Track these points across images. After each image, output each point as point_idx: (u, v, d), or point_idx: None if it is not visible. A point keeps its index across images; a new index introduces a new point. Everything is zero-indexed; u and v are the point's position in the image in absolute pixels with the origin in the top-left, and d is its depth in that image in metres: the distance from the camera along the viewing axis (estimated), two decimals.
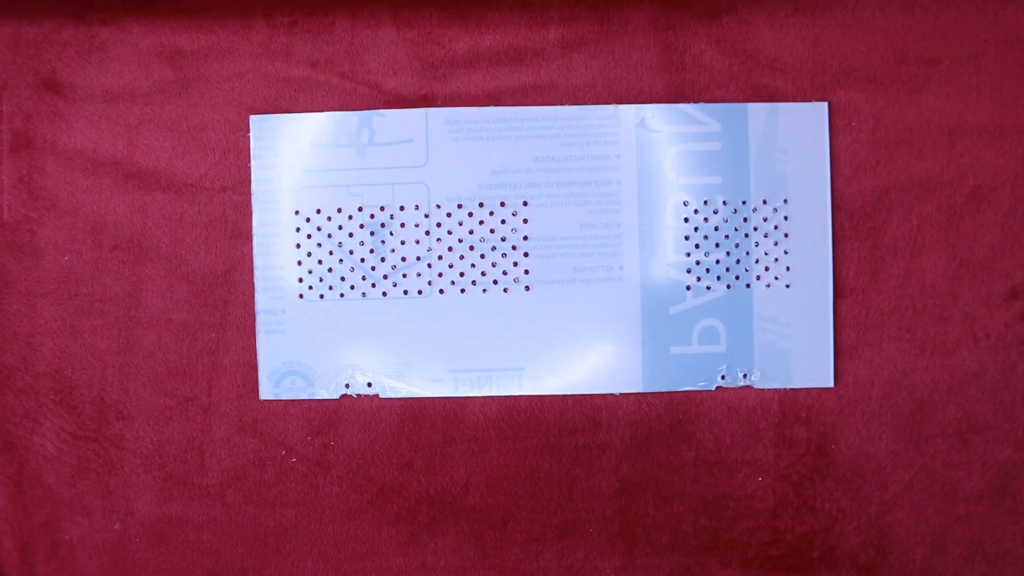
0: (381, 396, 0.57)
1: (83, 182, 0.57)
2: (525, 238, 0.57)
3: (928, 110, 0.57)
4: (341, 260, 0.57)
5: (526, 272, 0.57)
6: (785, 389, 0.57)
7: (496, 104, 0.57)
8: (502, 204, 0.57)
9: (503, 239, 0.57)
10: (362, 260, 0.57)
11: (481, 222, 0.57)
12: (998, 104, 0.57)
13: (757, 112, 0.57)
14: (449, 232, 0.57)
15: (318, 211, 0.57)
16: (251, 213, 0.57)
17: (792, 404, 0.57)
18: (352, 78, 0.57)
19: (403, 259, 0.57)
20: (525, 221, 0.57)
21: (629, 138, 0.57)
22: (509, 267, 0.57)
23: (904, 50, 0.57)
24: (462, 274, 0.57)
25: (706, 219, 0.57)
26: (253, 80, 0.57)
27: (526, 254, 0.57)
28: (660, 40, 0.57)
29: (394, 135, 0.57)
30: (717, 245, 0.57)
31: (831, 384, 0.57)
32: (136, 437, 0.58)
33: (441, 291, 0.57)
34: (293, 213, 0.57)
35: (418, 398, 0.57)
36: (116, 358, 0.58)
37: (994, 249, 0.57)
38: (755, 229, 0.57)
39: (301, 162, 0.57)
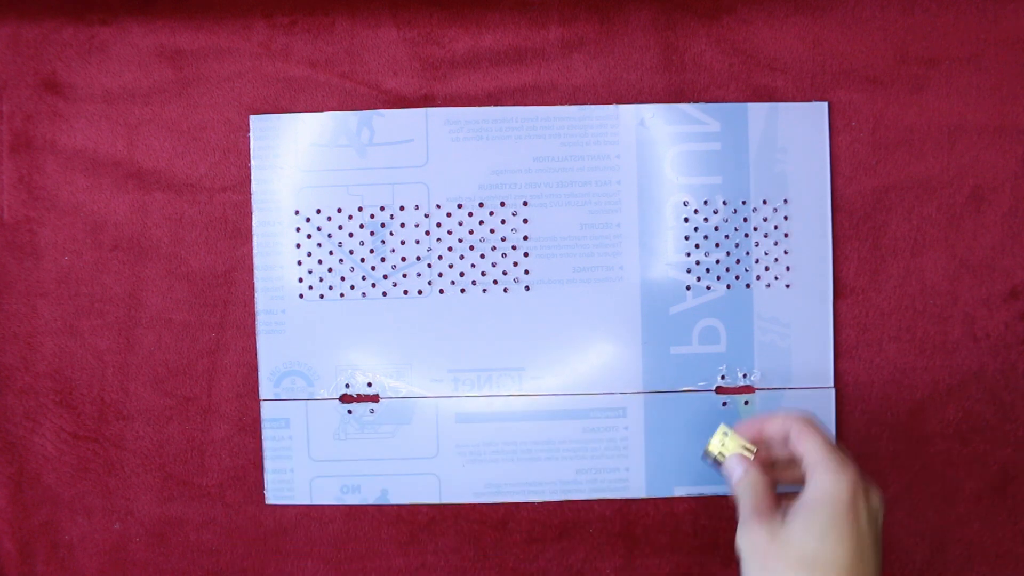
0: (381, 396, 0.57)
1: (83, 182, 0.57)
2: (525, 238, 0.57)
3: (928, 110, 0.57)
4: (341, 260, 0.57)
5: (526, 272, 0.57)
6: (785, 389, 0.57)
7: (496, 104, 0.57)
8: (502, 204, 0.57)
9: (503, 239, 0.57)
10: (362, 260, 0.57)
11: (481, 222, 0.57)
12: (998, 104, 0.57)
13: (757, 112, 0.57)
14: (449, 232, 0.57)
15: (318, 211, 0.57)
16: (251, 213, 0.57)
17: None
18: (352, 78, 0.57)
19: (403, 259, 0.57)
20: (525, 221, 0.57)
21: (629, 138, 0.57)
22: (509, 267, 0.57)
23: (904, 50, 0.57)
24: (462, 274, 0.57)
25: (706, 219, 0.57)
26: (253, 80, 0.57)
27: (526, 254, 0.57)
28: (660, 40, 0.57)
29: (394, 135, 0.57)
30: (717, 245, 0.57)
31: (831, 384, 0.57)
32: (136, 437, 0.58)
33: (441, 291, 0.57)
34: (293, 213, 0.57)
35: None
36: (116, 358, 0.58)
37: (994, 249, 0.57)
38: (755, 229, 0.57)
39: (301, 162, 0.57)
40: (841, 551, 0.44)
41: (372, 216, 0.57)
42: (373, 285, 0.57)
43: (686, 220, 0.57)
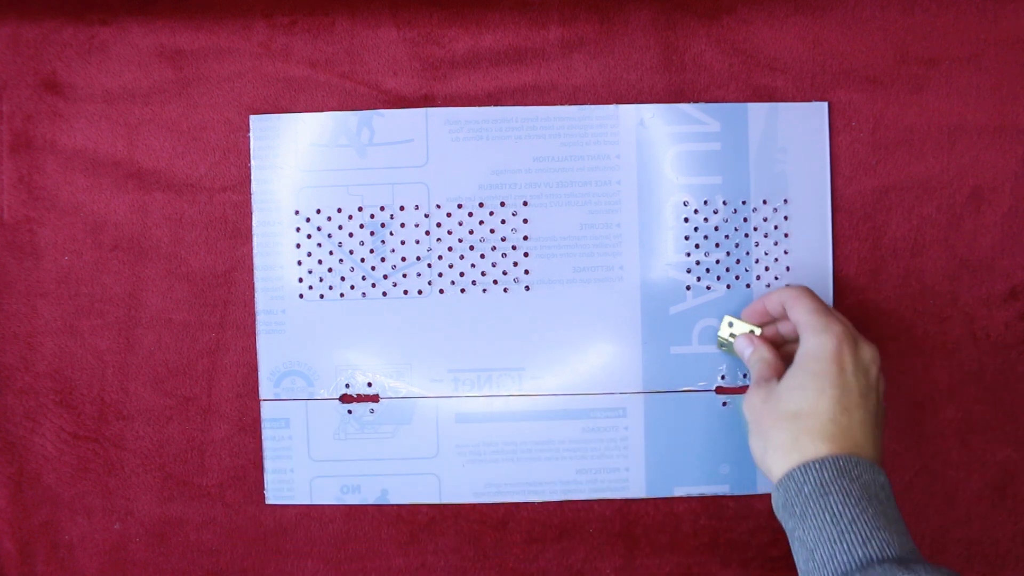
0: (381, 396, 0.57)
1: (83, 182, 0.57)
2: (525, 238, 0.57)
3: (928, 110, 0.57)
4: (341, 260, 0.57)
5: (526, 272, 0.57)
6: None
7: (496, 104, 0.57)
8: (502, 204, 0.57)
9: (503, 239, 0.57)
10: (362, 260, 0.57)
11: (481, 222, 0.57)
12: (998, 104, 0.57)
13: (757, 112, 0.57)
14: (449, 232, 0.57)
15: (318, 211, 0.57)
16: (251, 213, 0.57)
17: None
18: (352, 78, 0.57)
19: (403, 259, 0.57)
20: (525, 221, 0.57)
21: (629, 138, 0.57)
22: (509, 267, 0.57)
23: (904, 50, 0.57)
24: (462, 274, 0.57)
25: (706, 219, 0.57)
26: (253, 80, 0.57)
27: (526, 254, 0.57)
28: (660, 40, 0.57)
29: (394, 135, 0.57)
30: (717, 245, 0.57)
31: None
32: (136, 437, 0.58)
33: (441, 291, 0.57)
34: (293, 213, 0.57)
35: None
36: (116, 358, 0.58)
37: (994, 249, 0.57)
38: (755, 229, 0.57)
39: (301, 162, 0.57)
40: (823, 404, 0.47)
41: (372, 216, 0.57)
42: (373, 285, 0.57)
43: (686, 220, 0.57)
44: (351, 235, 0.57)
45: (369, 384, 0.57)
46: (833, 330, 0.48)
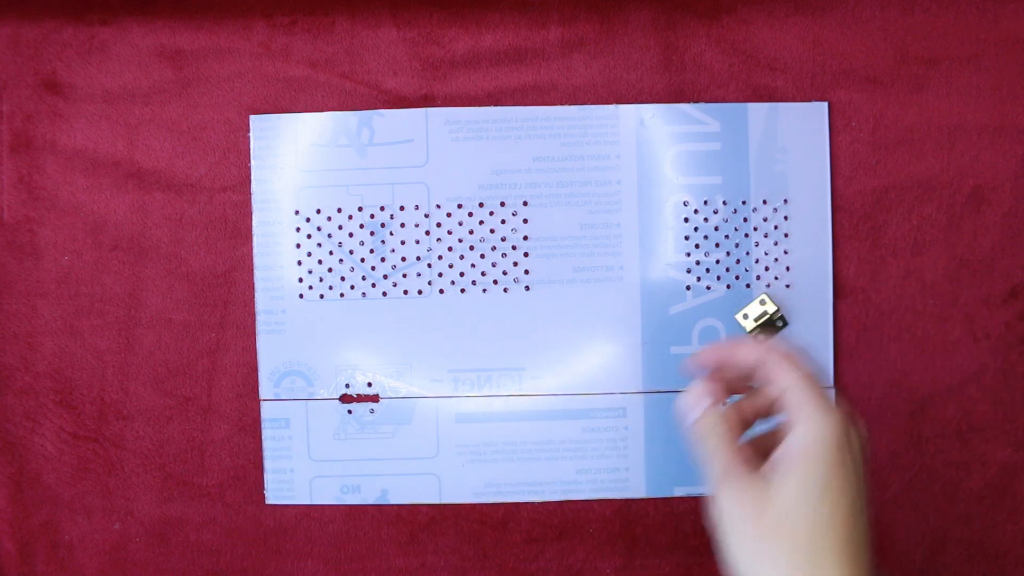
0: (381, 396, 0.57)
1: (83, 182, 0.57)
2: (525, 238, 0.57)
3: (928, 110, 0.57)
4: (341, 260, 0.57)
5: (526, 272, 0.57)
6: None
7: (496, 104, 0.57)
8: (502, 204, 0.57)
9: (503, 239, 0.57)
10: (362, 260, 0.57)
11: (481, 222, 0.57)
12: (998, 104, 0.57)
13: (757, 112, 0.57)
14: (449, 232, 0.57)
15: (318, 211, 0.57)
16: (251, 213, 0.57)
17: None
18: (352, 78, 0.57)
19: (403, 259, 0.57)
20: (525, 221, 0.57)
21: (629, 138, 0.57)
22: (509, 267, 0.57)
23: (904, 50, 0.57)
24: (462, 274, 0.57)
25: (706, 219, 0.57)
26: (253, 80, 0.57)
27: (526, 254, 0.57)
28: (660, 40, 0.57)
29: (394, 135, 0.57)
30: (717, 245, 0.57)
31: (831, 384, 0.57)
32: (136, 437, 0.58)
33: (441, 291, 0.57)
34: (293, 213, 0.57)
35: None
36: (116, 358, 0.58)
37: (994, 249, 0.57)
38: (755, 229, 0.57)
39: (301, 162, 0.57)
40: (840, 515, 0.38)
41: (372, 216, 0.57)
42: (373, 285, 0.57)
43: (686, 220, 0.57)
44: (351, 235, 0.57)
45: (369, 384, 0.57)
46: (835, 417, 0.39)
